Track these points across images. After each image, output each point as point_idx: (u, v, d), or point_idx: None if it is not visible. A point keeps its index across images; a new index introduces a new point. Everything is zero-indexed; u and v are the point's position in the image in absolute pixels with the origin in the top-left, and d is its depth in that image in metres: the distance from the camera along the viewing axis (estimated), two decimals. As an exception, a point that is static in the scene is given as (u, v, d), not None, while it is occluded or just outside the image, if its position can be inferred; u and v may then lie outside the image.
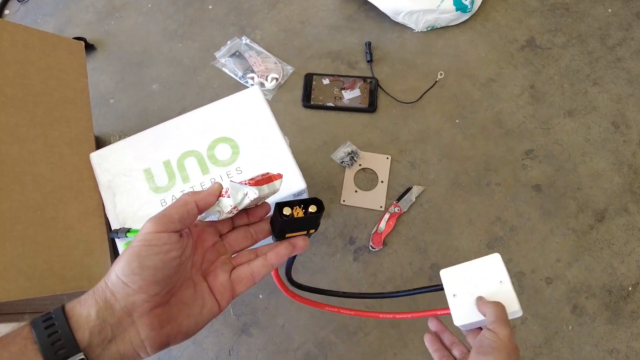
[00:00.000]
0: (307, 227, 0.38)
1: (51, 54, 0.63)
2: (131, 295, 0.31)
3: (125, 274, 0.31)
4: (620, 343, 0.79)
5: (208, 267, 0.37)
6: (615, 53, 0.97)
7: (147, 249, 0.31)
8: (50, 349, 0.29)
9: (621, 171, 0.88)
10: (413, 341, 0.79)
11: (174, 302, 0.33)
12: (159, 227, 0.32)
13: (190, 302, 0.34)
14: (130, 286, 0.31)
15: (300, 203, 0.37)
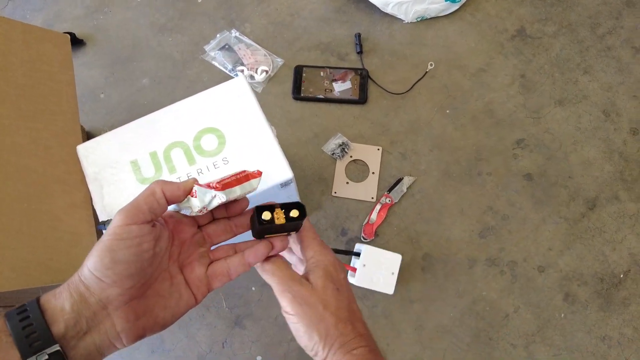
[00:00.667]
0: (288, 230, 0.38)
1: (35, 47, 0.63)
2: (105, 289, 0.31)
3: (97, 268, 0.30)
4: (612, 330, 0.79)
5: (185, 259, 0.36)
6: (606, 42, 0.97)
7: (119, 243, 0.31)
8: (24, 341, 0.29)
9: (612, 159, 0.88)
10: (406, 331, 0.79)
11: (150, 295, 0.33)
12: (129, 219, 0.31)
13: (167, 295, 0.34)
14: (104, 280, 0.31)
15: (282, 207, 0.36)
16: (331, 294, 0.35)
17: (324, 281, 0.36)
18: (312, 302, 0.35)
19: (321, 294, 0.35)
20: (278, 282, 0.36)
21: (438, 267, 0.83)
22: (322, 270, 0.36)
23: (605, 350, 0.78)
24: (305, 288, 0.35)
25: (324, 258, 0.37)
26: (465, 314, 0.80)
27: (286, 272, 0.36)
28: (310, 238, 0.38)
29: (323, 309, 0.34)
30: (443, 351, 0.78)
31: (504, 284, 0.82)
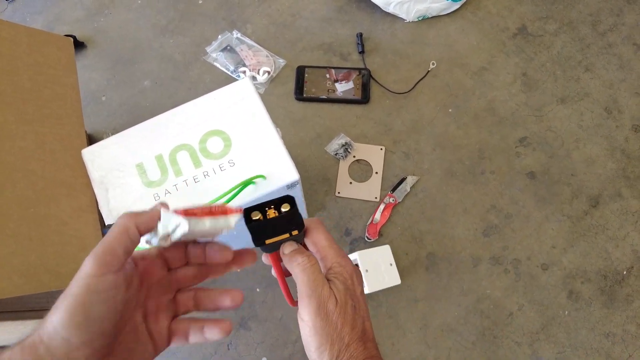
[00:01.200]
0: (287, 228, 0.34)
1: (39, 51, 0.63)
2: (73, 351, 0.26)
3: (66, 327, 0.26)
4: (616, 327, 0.79)
5: (150, 307, 0.33)
6: (607, 39, 0.97)
7: (92, 297, 0.27)
8: None
9: (614, 156, 0.89)
10: (411, 330, 0.80)
11: (118, 351, 0.30)
12: (104, 268, 0.27)
13: (132, 347, 0.31)
14: (73, 341, 0.26)
15: (271, 204, 0.34)
16: (350, 313, 0.33)
17: (345, 297, 0.33)
18: (333, 319, 0.32)
19: (342, 311, 0.32)
20: (307, 284, 0.33)
21: (442, 266, 0.83)
22: (342, 284, 0.34)
23: (609, 347, 0.79)
24: (332, 301, 0.32)
25: (343, 270, 0.34)
26: (469, 312, 0.80)
27: (318, 275, 0.33)
28: (327, 247, 0.35)
29: (341, 328, 0.32)
30: (448, 350, 0.79)
31: (508, 282, 0.82)
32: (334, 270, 0.34)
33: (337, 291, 0.33)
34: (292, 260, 0.34)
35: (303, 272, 0.33)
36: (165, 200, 0.56)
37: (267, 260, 0.37)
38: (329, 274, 0.34)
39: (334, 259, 0.35)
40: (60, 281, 0.54)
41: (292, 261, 0.34)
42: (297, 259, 0.34)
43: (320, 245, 0.35)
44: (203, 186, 0.57)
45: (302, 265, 0.34)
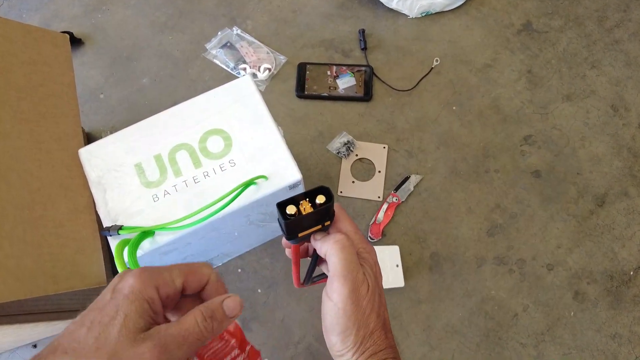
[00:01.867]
0: (320, 220, 0.34)
1: (35, 48, 0.61)
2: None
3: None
4: (622, 328, 0.78)
5: None
6: (613, 35, 0.95)
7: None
8: None
9: (621, 155, 0.87)
10: (415, 331, 0.78)
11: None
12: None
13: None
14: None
15: (305, 196, 0.33)
16: (377, 300, 0.33)
17: (374, 283, 0.33)
18: (363, 304, 0.32)
19: (372, 297, 0.32)
20: (344, 264, 0.32)
21: (446, 266, 0.82)
22: (370, 270, 0.33)
23: (616, 349, 0.77)
24: (364, 286, 0.32)
25: (369, 257, 0.34)
26: (474, 313, 0.79)
27: (355, 256, 0.33)
28: (353, 232, 0.35)
29: (369, 314, 0.32)
30: (452, 351, 0.78)
31: (512, 282, 0.81)
32: (362, 255, 0.34)
33: (369, 277, 0.33)
34: (331, 238, 0.33)
35: (341, 250, 0.32)
36: (166, 201, 0.55)
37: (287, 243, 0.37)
38: (358, 257, 0.34)
39: (360, 245, 0.34)
40: (57, 285, 0.52)
41: (329, 239, 0.33)
42: (336, 236, 0.33)
43: (346, 230, 0.35)
44: (203, 187, 0.55)
45: (341, 243, 0.33)
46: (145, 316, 0.26)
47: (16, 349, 0.79)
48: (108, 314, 0.26)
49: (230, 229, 0.63)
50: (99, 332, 0.25)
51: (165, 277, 0.28)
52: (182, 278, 0.29)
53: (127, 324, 0.26)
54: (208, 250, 0.69)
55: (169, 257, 0.61)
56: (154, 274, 0.28)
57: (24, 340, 0.75)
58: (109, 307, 0.26)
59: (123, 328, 0.25)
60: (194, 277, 0.30)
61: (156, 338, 0.26)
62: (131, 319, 0.26)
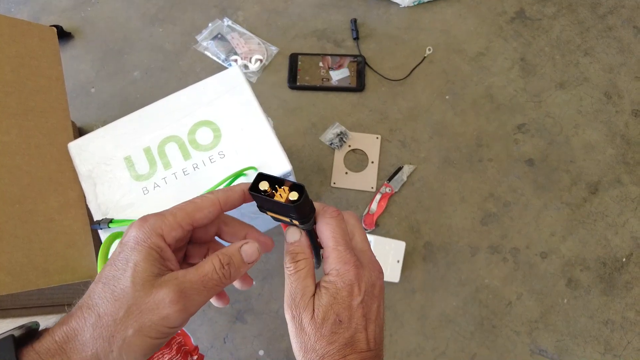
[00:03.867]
0: (288, 215, 0.31)
1: (21, 42, 0.61)
2: None
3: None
4: (615, 314, 0.79)
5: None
6: (606, 22, 0.95)
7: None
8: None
9: (614, 142, 0.87)
10: (409, 321, 0.79)
11: None
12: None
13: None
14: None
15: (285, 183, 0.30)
16: (328, 328, 0.30)
17: (325, 311, 0.30)
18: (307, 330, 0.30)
19: (318, 325, 0.30)
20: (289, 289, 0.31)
21: (440, 255, 0.82)
22: (330, 296, 0.31)
23: (608, 334, 0.78)
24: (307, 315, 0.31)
25: (338, 280, 0.31)
26: (468, 302, 0.80)
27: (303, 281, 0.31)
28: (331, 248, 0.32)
29: (315, 341, 0.30)
30: (447, 340, 0.78)
31: (506, 271, 0.81)
32: (328, 278, 0.32)
33: (319, 305, 0.31)
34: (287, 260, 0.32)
35: (289, 276, 0.32)
36: (156, 194, 0.55)
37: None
38: (323, 280, 0.32)
39: (332, 265, 0.31)
40: (49, 278, 0.53)
41: (287, 262, 0.32)
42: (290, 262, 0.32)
43: (325, 244, 0.32)
44: (193, 179, 0.55)
45: (291, 269, 0.32)
46: (156, 263, 0.27)
47: (13, 343, 0.79)
48: (118, 267, 0.27)
49: (222, 221, 0.63)
50: (114, 285, 0.26)
51: (169, 221, 0.29)
52: (189, 219, 0.29)
53: (138, 273, 0.26)
54: (201, 243, 0.69)
55: (161, 250, 0.61)
56: (157, 222, 0.28)
57: (19, 334, 0.75)
58: (118, 261, 0.27)
59: (136, 277, 0.26)
60: (200, 213, 0.30)
61: (174, 284, 0.27)
62: (141, 268, 0.27)
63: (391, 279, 0.76)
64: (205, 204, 0.31)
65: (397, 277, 0.76)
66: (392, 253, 0.77)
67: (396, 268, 0.77)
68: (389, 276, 0.76)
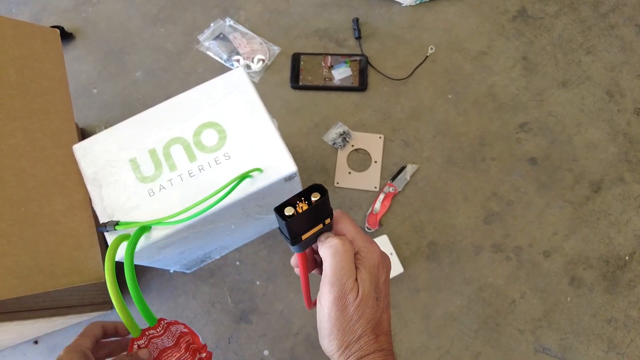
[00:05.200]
0: (320, 217, 0.34)
1: (25, 44, 0.60)
2: None
3: None
4: (618, 312, 0.79)
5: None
6: (609, 20, 0.95)
7: None
8: None
9: (616, 141, 0.87)
10: (413, 320, 0.79)
11: None
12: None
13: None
14: None
15: (300, 196, 0.33)
16: (370, 305, 0.32)
17: (369, 288, 0.32)
18: (350, 311, 0.32)
19: (362, 303, 0.32)
20: (333, 270, 0.32)
21: (443, 255, 0.82)
22: (368, 273, 0.33)
23: (612, 333, 0.78)
24: (353, 294, 0.32)
25: (370, 256, 0.34)
26: (471, 301, 0.80)
27: (347, 262, 0.32)
28: (355, 232, 0.35)
29: (356, 321, 0.32)
30: (451, 339, 0.78)
31: (510, 270, 0.81)
32: (361, 254, 0.34)
33: (362, 282, 0.33)
34: (326, 242, 0.34)
35: (333, 256, 0.33)
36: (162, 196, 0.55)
37: (295, 261, 0.37)
38: (357, 258, 0.34)
39: (361, 243, 0.34)
40: (56, 281, 0.53)
41: (326, 243, 0.33)
42: (330, 241, 0.33)
43: (348, 230, 0.35)
44: (198, 180, 0.55)
45: (334, 248, 0.33)
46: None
47: (18, 345, 0.79)
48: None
49: (227, 222, 0.63)
50: None
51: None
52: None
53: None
54: (205, 244, 0.70)
55: (166, 251, 0.61)
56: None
57: (25, 336, 0.75)
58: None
59: None
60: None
61: None
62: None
63: (396, 272, 0.77)
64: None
65: (400, 267, 0.78)
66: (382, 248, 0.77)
67: (394, 260, 0.78)
68: (393, 270, 0.76)
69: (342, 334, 0.32)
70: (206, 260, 0.81)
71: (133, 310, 0.44)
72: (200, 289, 0.82)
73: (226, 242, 0.75)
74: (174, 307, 0.81)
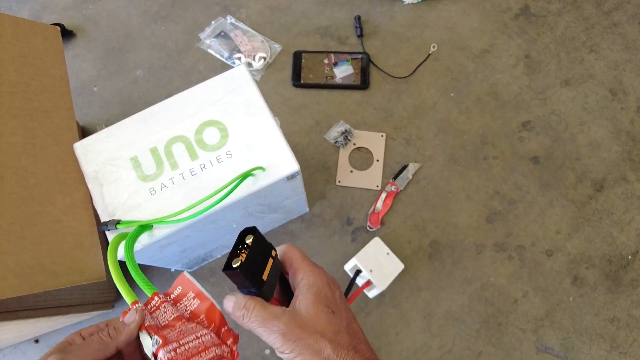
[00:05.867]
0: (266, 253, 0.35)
1: (25, 41, 0.60)
2: None
3: None
4: (620, 311, 0.79)
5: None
6: (612, 18, 0.94)
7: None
8: None
9: (619, 139, 0.87)
10: (415, 319, 0.79)
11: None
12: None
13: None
14: None
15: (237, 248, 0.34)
16: (326, 319, 0.32)
17: (317, 305, 0.33)
18: (307, 334, 0.31)
19: (315, 321, 0.32)
20: (260, 323, 0.32)
21: (445, 254, 0.82)
22: (313, 294, 0.33)
23: (614, 332, 0.78)
24: (295, 319, 0.32)
25: (314, 279, 0.34)
26: (473, 300, 0.80)
27: (266, 310, 0.32)
28: (298, 260, 0.36)
29: (320, 338, 0.31)
30: (453, 338, 0.78)
31: (512, 269, 0.81)
32: (305, 280, 0.35)
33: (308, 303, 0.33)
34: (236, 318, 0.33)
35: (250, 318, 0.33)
36: (163, 195, 0.54)
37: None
38: (300, 286, 0.35)
39: (306, 268, 0.35)
40: (57, 280, 0.52)
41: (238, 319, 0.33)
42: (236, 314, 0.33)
43: (295, 259, 0.36)
44: (200, 179, 0.55)
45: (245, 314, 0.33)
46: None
47: (18, 344, 0.79)
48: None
49: (229, 221, 0.62)
50: None
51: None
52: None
53: None
54: (207, 243, 0.69)
55: (167, 250, 0.61)
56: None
57: (25, 335, 0.75)
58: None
59: None
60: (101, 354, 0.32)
61: None
62: None
63: (399, 269, 0.75)
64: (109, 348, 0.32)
65: (401, 264, 0.76)
66: (378, 253, 0.75)
67: (392, 259, 0.76)
68: (394, 270, 0.75)
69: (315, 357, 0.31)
70: (207, 259, 0.81)
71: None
72: (201, 288, 0.81)
73: (227, 241, 0.75)
74: (175, 306, 0.81)
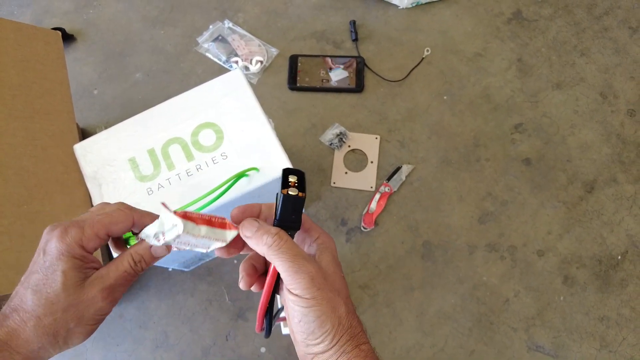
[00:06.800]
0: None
1: (27, 46, 0.62)
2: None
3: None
4: (610, 310, 0.80)
5: None
6: (602, 23, 0.96)
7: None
8: None
9: (610, 141, 0.89)
10: (408, 318, 0.80)
11: None
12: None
13: None
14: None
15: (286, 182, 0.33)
16: (341, 281, 0.32)
17: (335, 265, 0.33)
18: (328, 287, 0.31)
19: (334, 279, 0.32)
20: (291, 257, 0.31)
21: (438, 254, 0.83)
22: (330, 254, 0.34)
23: (604, 331, 0.79)
24: (322, 270, 0.32)
25: (329, 241, 0.35)
26: (466, 299, 0.81)
27: (298, 250, 0.32)
28: (309, 221, 0.36)
29: (337, 296, 0.31)
30: (445, 337, 0.79)
31: (504, 269, 0.82)
32: (322, 239, 0.35)
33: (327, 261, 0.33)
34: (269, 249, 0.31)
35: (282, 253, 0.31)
36: (160, 195, 0.56)
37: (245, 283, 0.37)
38: (319, 242, 0.35)
39: (319, 229, 0.36)
40: (56, 277, 0.54)
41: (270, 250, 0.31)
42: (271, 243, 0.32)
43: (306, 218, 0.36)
44: (196, 180, 0.57)
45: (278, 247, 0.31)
46: (82, 269, 0.31)
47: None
48: (47, 275, 0.30)
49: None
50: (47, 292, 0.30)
51: (88, 234, 0.31)
52: (105, 230, 0.32)
53: (68, 280, 0.30)
54: (203, 242, 0.71)
55: (165, 249, 0.62)
56: (77, 234, 0.31)
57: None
58: (46, 269, 0.30)
59: (66, 284, 0.30)
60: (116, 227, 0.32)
61: (100, 283, 0.31)
62: (70, 275, 0.30)
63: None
64: (121, 218, 0.33)
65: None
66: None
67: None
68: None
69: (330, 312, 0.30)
70: (204, 258, 0.82)
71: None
72: (198, 287, 0.83)
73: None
74: (172, 304, 0.82)
